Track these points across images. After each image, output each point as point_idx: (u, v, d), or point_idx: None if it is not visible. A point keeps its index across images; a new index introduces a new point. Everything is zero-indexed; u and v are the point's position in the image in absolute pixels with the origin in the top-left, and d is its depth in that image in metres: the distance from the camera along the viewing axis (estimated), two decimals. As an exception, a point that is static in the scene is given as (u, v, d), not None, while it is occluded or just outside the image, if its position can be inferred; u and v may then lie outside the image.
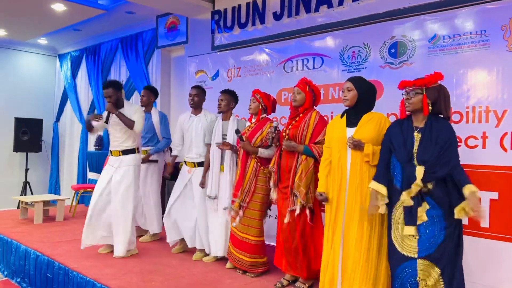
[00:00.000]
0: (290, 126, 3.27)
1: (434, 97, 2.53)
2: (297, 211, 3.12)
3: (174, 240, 4.26)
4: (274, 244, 3.49)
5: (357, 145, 2.74)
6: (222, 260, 3.89)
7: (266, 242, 3.67)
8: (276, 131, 3.39)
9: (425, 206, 2.45)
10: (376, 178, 2.64)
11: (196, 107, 4.20)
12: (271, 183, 3.38)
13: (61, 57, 8.81)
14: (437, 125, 2.50)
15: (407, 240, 2.50)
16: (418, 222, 2.46)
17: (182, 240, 4.26)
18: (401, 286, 2.52)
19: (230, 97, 3.94)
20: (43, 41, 8.15)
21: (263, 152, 3.52)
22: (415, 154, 2.50)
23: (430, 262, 2.43)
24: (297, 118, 3.27)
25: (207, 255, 4.01)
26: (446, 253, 2.42)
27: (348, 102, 2.88)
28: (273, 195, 3.39)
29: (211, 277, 3.52)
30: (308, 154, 3.14)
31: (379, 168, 2.66)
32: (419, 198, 2.47)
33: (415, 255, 2.47)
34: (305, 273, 3.23)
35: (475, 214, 2.38)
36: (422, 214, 2.45)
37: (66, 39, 8.04)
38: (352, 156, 2.79)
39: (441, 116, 2.57)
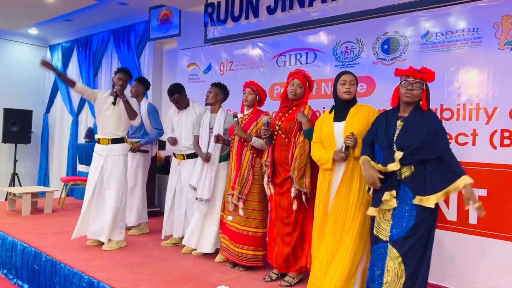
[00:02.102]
0: (283, 118, 3.25)
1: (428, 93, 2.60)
2: (292, 194, 3.11)
3: (168, 234, 4.29)
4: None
5: (356, 143, 2.74)
6: (212, 253, 3.88)
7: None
8: (269, 128, 3.33)
9: (393, 193, 2.50)
10: (364, 153, 2.67)
11: (184, 107, 4.22)
12: (265, 178, 3.33)
13: (52, 48, 8.70)
14: (421, 115, 2.54)
15: (382, 223, 2.57)
16: (386, 206, 2.52)
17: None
18: (371, 266, 2.62)
19: (218, 90, 3.94)
20: (33, 31, 8.04)
21: (255, 141, 3.48)
22: (395, 141, 2.54)
23: (395, 248, 2.49)
24: (290, 111, 3.26)
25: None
26: (411, 241, 2.46)
27: (351, 95, 2.88)
28: (268, 191, 3.35)
29: (200, 271, 3.51)
30: (308, 135, 3.08)
31: (363, 149, 2.70)
32: (389, 183, 2.51)
33: (387, 239, 2.54)
34: (295, 267, 3.23)
35: (474, 205, 2.39)
36: (389, 199, 2.50)
37: (57, 30, 7.93)
38: None
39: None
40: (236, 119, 3.53)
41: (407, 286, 2.47)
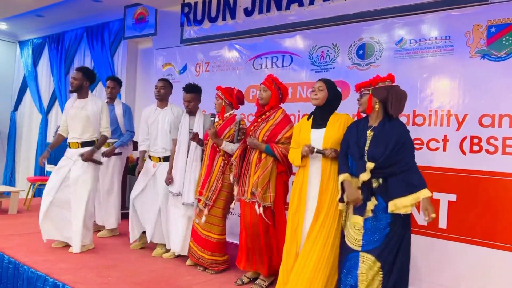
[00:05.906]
0: (255, 124, 3.24)
1: (382, 97, 2.57)
2: (258, 211, 3.07)
3: (137, 237, 4.14)
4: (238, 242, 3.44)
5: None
6: (183, 257, 3.81)
7: (230, 240, 3.61)
8: (240, 125, 3.34)
9: (374, 201, 2.52)
10: (341, 171, 2.68)
11: (162, 99, 4.10)
12: (231, 177, 3.35)
13: (22, 44, 8.43)
14: (390, 125, 2.56)
15: (353, 233, 2.58)
16: (366, 215, 2.53)
17: (142, 235, 4.14)
18: (344, 277, 2.61)
19: (195, 96, 3.80)
20: (2, 25, 7.76)
21: (226, 146, 3.45)
22: (366, 152, 2.56)
23: (372, 256, 2.49)
24: (263, 117, 3.24)
25: (167, 251, 3.91)
26: (389, 249, 2.47)
27: (318, 101, 2.88)
28: (236, 191, 3.34)
29: (170, 274, 3.44)
30: (268, 153, 3.12)
31: (340, 162, 2.72)
32: (368, 193, 2.53)
33: (359, 248, 2.54)
34: (266, 270, 3.20)
35: (428, 215, 2.46)
36: (369, 209, 2.52)
37: (28, 25, 7.70)
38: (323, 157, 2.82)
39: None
40: (213, 118, 3.50)
41: None
